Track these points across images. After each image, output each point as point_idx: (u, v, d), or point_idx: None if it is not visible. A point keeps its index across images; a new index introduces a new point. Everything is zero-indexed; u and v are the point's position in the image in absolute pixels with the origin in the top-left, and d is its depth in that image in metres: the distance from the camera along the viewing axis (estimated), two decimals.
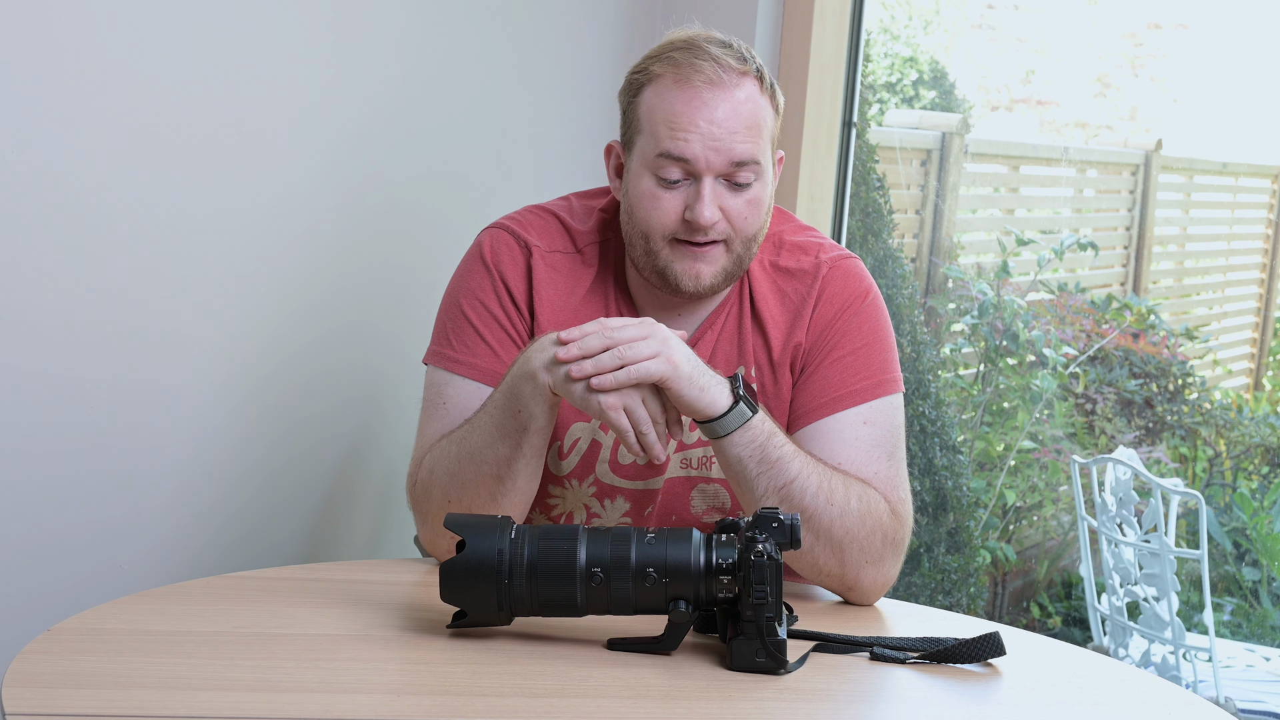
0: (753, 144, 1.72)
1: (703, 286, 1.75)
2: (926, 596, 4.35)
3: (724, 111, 1.71)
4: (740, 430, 1.62)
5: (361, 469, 2.49)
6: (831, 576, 1.70)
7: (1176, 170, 6.01)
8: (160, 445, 2.12)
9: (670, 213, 1.73)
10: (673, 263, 1.74)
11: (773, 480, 1.63)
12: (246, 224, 2.19)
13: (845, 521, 1.66)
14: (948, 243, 5.10)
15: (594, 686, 1.39)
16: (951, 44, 5.92)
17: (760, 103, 1.74)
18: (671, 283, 1.75)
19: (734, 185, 1.72)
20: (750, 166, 1.72)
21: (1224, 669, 3.48)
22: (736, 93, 1.71)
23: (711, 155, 1.70)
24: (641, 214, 1.75)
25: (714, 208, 1.71)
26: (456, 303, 1.81)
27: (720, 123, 1.70)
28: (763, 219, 1.76)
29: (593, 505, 1.82)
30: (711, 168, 1.71)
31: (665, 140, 1.71)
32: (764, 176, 1.75)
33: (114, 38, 1.96)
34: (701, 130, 1.70)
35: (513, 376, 1.64)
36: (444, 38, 2.48)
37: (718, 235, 1.73)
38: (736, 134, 1.71)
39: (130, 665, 1.35)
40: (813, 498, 1.64)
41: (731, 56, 1.73)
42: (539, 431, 1.64)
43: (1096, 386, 5.20)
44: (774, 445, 1.63)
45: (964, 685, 1.48)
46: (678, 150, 1.71)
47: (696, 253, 1.73)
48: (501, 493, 1.67)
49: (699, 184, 1.71)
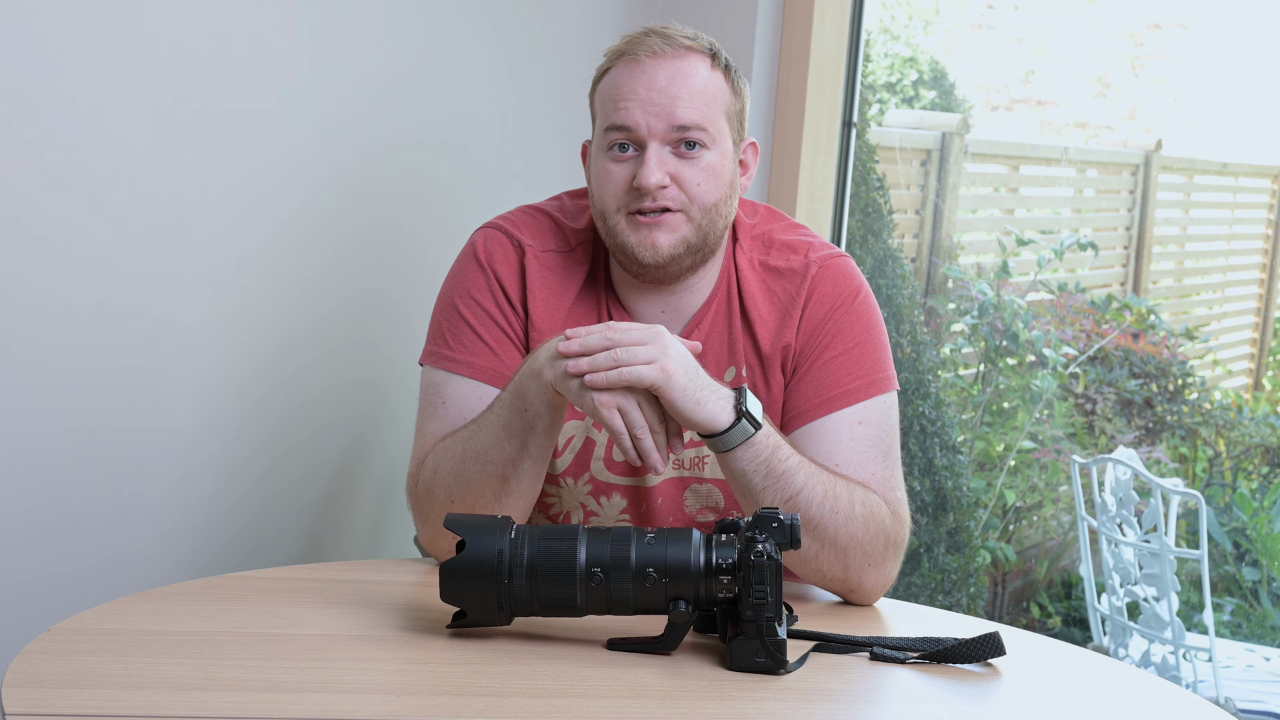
0: (696, 110, 1.72)
1: (661, 257, 1.74)
2: (926, 596, 4.35)
3: (664, 77, 1.72)
4: (743, 446, 1.61)
5: (361, 469, 2.49)
6: (835, 580, 1.70)
7: (1176, 170, 6.01)
8: (160, 445, 2.12)
9: (620, 183, 1.74)
10: (629, 235, 1.74)
11: (779, 492, 1.63)
12: (244, 224, 2.19)
13: (850, 528, 1.66)
14: (948, 243, 5.10)
15: (594, 686, 1.39)
16: (951, 44, 5.92)
17: (710, 76, 1.75)
18: (631, 255, 1.75)
19: (684, 153, 1.73)
20: (695, 131, 1.72)
21: (1224, 669, 3.48)
22: (680, 62, 1.73)
23: (652, 120, 1.72)
24: (597, 191, 1.76)
25: (659, 172, 1.71)
26: (452, 302, 1.81)
27: (661, 88, 1.72)
28: (723, 190, 1.76)
29: (589, 503, 1.82)
30: (654, 133, 1.72)
31: (611, 114, 1.74)
32: (719, 146, 1.75)
33: (110, 31, 1.96)
34: (641, 96, 1.72)
35: (520, 375, 1.65)
36: (442, 37, 2.48)
37: (669, 202, 1.73)
38: (678, 99, 1.72)
39: (130, 665, 1.35)
40: (819, 507, 1.64)
41: (682, 35, 1.75)
42: (545, 431, 1.64)
43: (1096, 386, 5.20)
44: (779, 459, 1.63)
45: (964, 685, 1.48)
46: (619, 119, 1.73)
47: (650, 222, 1.73)
48: (506, 493, 1.67)
49: (645, 151, 1.72)
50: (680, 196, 1.73)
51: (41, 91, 1.90)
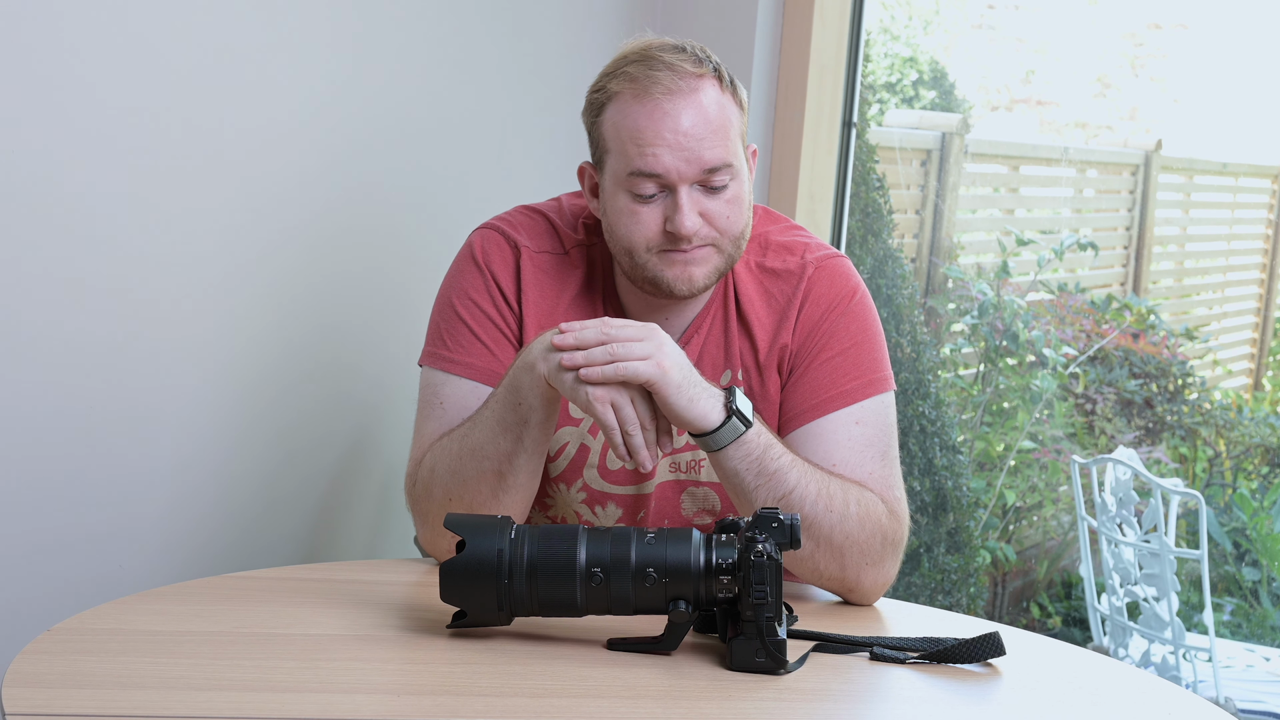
0: (722, 147, 1.71)
1: (696, 288, 1.75)
2: (926, 596, 4.35)
3: (688, 119, 1.70)
4: (734, 445, 1.62)
5: (361, 469, 2.49)
6: (832, 579, 1.70)
7: (1176, 170, 6.01)
8: (160, 445, 2.12)
9: (651, 226, 1.72)
10: (663, 271, 1.74)
11: (771, 491, 1.63)
12: (243, 225, 2.19)
13: (845, 527, 1.66)
14: (948, 243, 5.10)
15: (594, 686, 1.39)
16: (951, 44, 5.92)
17: (724, 103, 1.73)
18: (665, 289, 1.75)
19: (710, 190, 1.72)
20: (723, 170, 1.72)
21: (1224, 669, 3.48)
22: (698, 98, 1.71)
23: (683, 166, 1.70)
24: (623, 231, 1.74)
25: (694, 216, 1.71)
26: (450, 303, 1.81)
27: (687, 132, 1.70)
28: (745, 215, 1.76)
29: (584, 512, 1.82)
30: (685, 178, 1.70)
31: (635, 158, 1.71)
32: (739, 175, 1.74)
33: (110, 37, 1.96)
34: (669, 142, 1.69)
35: (514, 369, 1.65)
36: (441, 37, 2.48)
37: (702, 240, 1.73)
38: (704, 140, 1.70)
39: (130, 665, 1.35)
40: (812, 505, 1.64)
41: (687, 61, 1.72)
42: (539, 425, 1.64)
43: (1096, 386, 5.20)
44: (771, 457, 1.63)
45: (964, 685, 1.48)
46: (648, 167, 1.70)
47: (685, 258, 1.73)
48: (503, 489, 1.67)
49: (675, 195, 1.71)
50: (711, 233, 1.73)
51: (37, 107, 1.90)
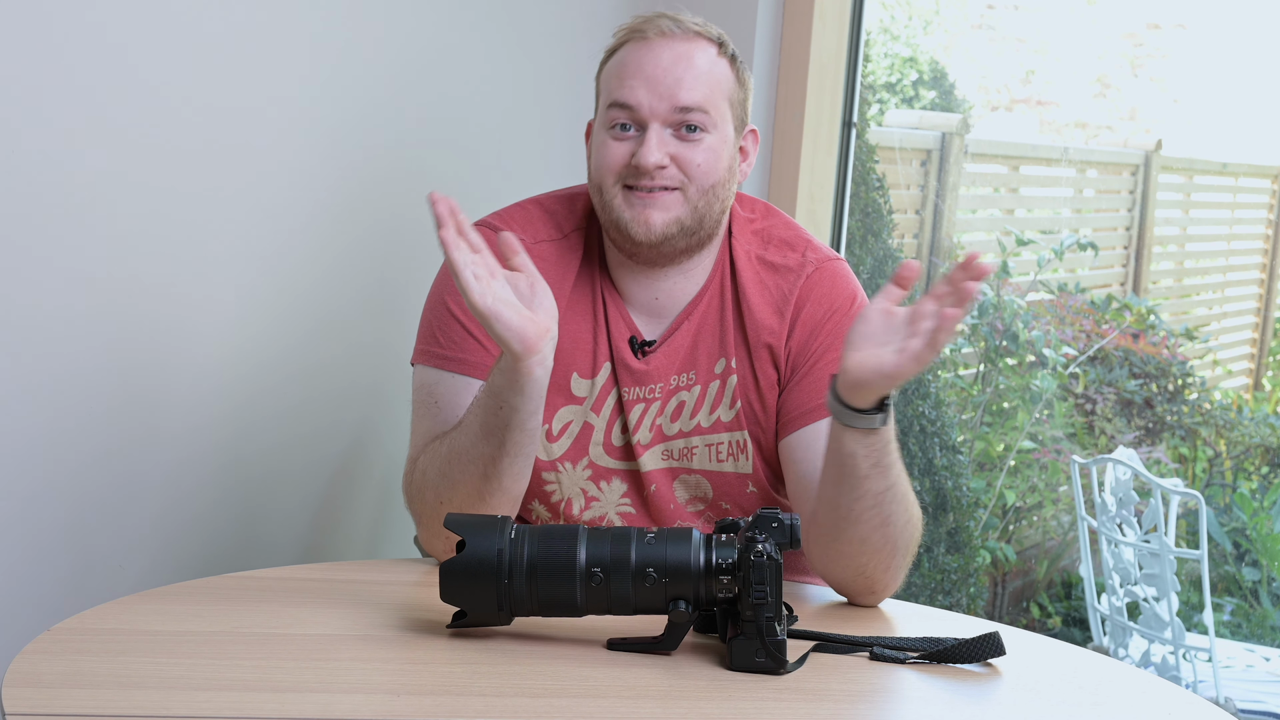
0: (699, 92, 1.74)
1: (654, 234, 1.75)
2: (926, 596, 4.35)
3: (669, 58, 1.74)
4: (869, 431, 1.58)
5: (361, 468, 2.49)
6: (863, 579, 1.68)
7: (1176, 170, 6.02)
8: (160, 445, 2.12)
9: (618, 157, 1.75)
10: (624, 210, 1.75)
11: (876, 483, 1.61)
12: (244, 223, 2.19)
13: (908, 530, 1.66)
14: (948, 243, 5.10)
15: (594, 686, 1.39)
16: (951, 44, 5.92)
17: (716, 62, 1.77)
18: (625, 231, 1.76)
19: (684, 136, 1.74)
20: (697, 114, 1.74)
21: (1224, 669, 3.48)
22: (689, 47, 1.75)
23: (655, 101, 1.73)
24: (595, 164, 1.78)
25: (659, 152, 1.73)
26: (441, 300, 1.81)
27: (666, 68, 1.73)
28: (721, 173, 1.77)
29: (589, 489, 1.82)
30: (656, 113, 1.73)
31: (614, 90, 1.76)
32: (719, 130, 1.76)
33: (110, 34, 1.96)
34: (647, 74, 1.74)
35: (492, 372, 1.64)
36: (440, 34, 2.48)
37: (667, 181, 1.74)
38: (683, 80, 1.73)
39: (130, 665, 1.35)
40: (898, 504, 1.63)
41: (692, 21, 1.77)
42: (520, 427, 1.63)
43: (1096, 387, 5.20)
44: (890, 451, 1.61)
45: (964, 685, 1.48)
46: (623, 96, 1.74)
47: (646, 199, 1.74)
48: (489, 491, 1.67)
49: (646, 131, 1.74)
50: (678, 175, 1.75)
51: (42, 103, 1.90)
